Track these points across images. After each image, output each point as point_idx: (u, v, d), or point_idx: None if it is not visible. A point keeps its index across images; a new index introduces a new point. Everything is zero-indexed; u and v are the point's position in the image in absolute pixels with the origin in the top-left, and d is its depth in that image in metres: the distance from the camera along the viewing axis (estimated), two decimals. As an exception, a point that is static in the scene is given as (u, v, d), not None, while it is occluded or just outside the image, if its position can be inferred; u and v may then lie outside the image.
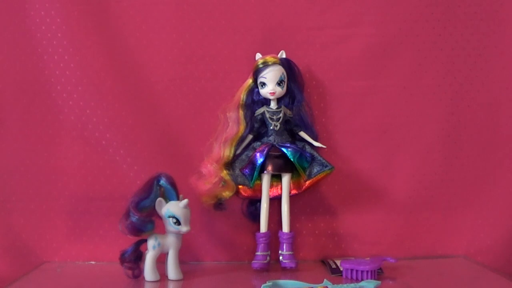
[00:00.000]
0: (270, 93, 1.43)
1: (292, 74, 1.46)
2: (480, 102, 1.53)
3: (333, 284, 1.23)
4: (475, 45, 1.52)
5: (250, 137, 1.46)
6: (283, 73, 1.44)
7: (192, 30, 1.50)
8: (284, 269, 1.40)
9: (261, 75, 1.43)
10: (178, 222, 1.31)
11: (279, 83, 1.43)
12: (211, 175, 1.40)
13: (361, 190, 1.52)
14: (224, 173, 1.41)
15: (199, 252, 1.50)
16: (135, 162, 1.49)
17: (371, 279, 1.30)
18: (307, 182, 1.43)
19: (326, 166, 1.43)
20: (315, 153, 1.44)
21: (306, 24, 1.51)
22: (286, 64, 1.45)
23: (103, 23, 1.49)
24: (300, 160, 1.42)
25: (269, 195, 1.44)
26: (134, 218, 1.30)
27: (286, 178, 1.44)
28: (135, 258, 1.33)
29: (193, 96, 1.50)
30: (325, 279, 1.26)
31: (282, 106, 1.45)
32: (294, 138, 1.47)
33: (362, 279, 1.30)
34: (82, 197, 1.50)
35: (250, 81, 1.46)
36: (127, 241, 1.33)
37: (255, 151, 1.43)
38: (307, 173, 1.43)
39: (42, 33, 1.49)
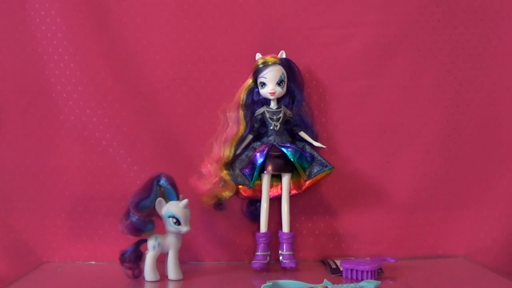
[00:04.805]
0: (270, 93, 1.43)
1: (292, 74, 1.46)
2: (480, 102, 1.52)
3: (333, 284, 1.23)
4: (475, 45, 1.52)
5: (250, 137, 1.46)
6: (283, 73, 1.44)
7: (192, 30, 1.50)
8: (284, 269, 1.40)
9: (261, 75, 1.43)
10: (178, 222, 1.31)
11: (279, 83, 1.43)
12: (211, 175, 1.40)
13: (361, 190, 1.51)
14: (224, 173, 1.41)
15: (199, 252, 1.50)
16: (135, 162, 1.49)
17: (371, 279, 1.30)
18: (307, 182, 1.43)
19: (326, 166, 1.42)
20: (315, 153, 1.44)
21: (306, 24, 1.50)
22: (286, 64, 1.45)
23: (103, 23, 1.49)
24: (300, 160, 1.42)
25: (269, 195, 1.44)
26: (134, 218, 1.30)
27: (286, 178, 1.43)
28: (135, 258, 1.33)
29: (193, 96, 1.50)
30: (325, 279, 1.26)
31: (282, 106, 1.45)
32: (294, 138, 1.47)
33: (362, 279, 1.30)
34: (82, 197, 1.50)
35: (250, 81, 1.46)
36: (127, 241, 1.33)
37: (255, 151, 1.43)
38: (307, 173, 1.43)
39: (42, 33, 1.49)
